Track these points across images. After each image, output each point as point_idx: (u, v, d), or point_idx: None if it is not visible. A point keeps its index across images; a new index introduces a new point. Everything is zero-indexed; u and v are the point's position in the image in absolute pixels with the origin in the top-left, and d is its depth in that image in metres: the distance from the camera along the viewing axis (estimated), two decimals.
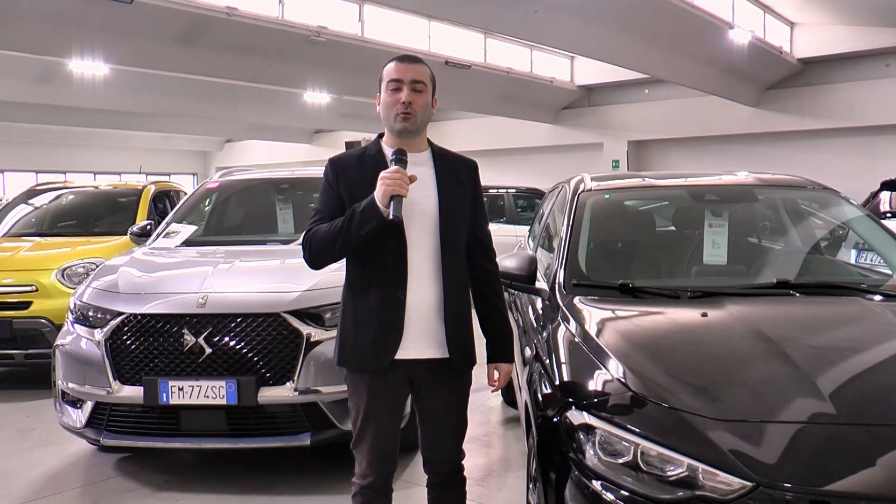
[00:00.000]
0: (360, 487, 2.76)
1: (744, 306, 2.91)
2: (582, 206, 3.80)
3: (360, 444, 2.75)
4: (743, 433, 2.18)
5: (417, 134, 2.70)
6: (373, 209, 2.49)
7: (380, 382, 2.67)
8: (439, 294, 2.66)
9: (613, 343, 2.67)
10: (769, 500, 2.03)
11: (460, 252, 2.73)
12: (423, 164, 2.71)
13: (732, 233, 3.77)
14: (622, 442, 2.25)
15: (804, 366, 2.46)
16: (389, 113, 2.64)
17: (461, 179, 2.77)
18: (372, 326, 2.63)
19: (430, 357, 2.68)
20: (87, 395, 4.19)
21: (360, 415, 2.72)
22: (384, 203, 2.47)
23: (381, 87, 2.68)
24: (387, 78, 2.66)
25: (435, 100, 2.74)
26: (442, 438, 2.85)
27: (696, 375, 2.50)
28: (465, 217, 2.76)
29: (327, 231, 2.59)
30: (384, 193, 2.47)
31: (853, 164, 18.42)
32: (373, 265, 2.64)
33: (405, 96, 2.61)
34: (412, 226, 2.63)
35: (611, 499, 2.22)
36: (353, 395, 2.76)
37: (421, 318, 2.65)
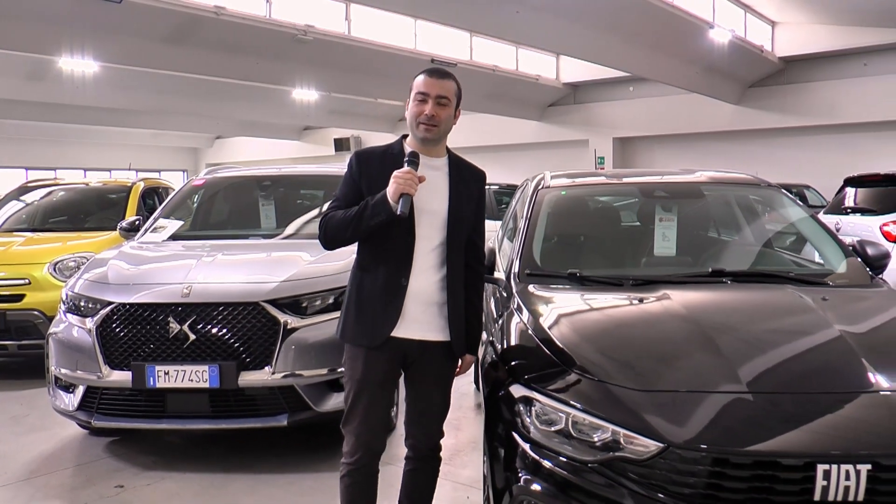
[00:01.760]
0: (349, 469, 2.94)
1: (677, 292, 3.20)
2: (540, 201, 4.09)
3: (351, 419, 2.94)
4: (660, 402, 2.48)
5: (438, 142, 2.96)
6: (384, 204, 2.74)
7: (375, 355, 2.90)
8: (440, 284, 2.94)
9: (554, 325, 2.96)
10: (678, 458, 2.32)
11: (461, 251, 3.01)
12: (440, 168, 2.97)
13: (682, 227, 4.06)
14: (556, 412, 2.53)
15: (721, 344, 2.75)
16: (414, 121, 2.88)
17: (470, 186, 3.05)
18: (373, 307, 2.89)
19: (424, 339, 2.93)
20: (78, 379, 4.44)
21: (353, 387, 2.93)
22: (394, 199, 2.72)
23: (409, 94, 2.91)
24: (416, 89, 2.89)
25: (458, 111, 2.98)
26: (427, 416, 3.08)
27: (624, 352, 2.80)
28: (469, 220, 3.04)
29: (342, 218, 2.84)
30: (395, 191, 2.72)
31: (833, 161, 18.75)
32: (383, 252, 2.88)
33: (429, 109, 2.85)
34: (422, 222, 2.88)
35: (546, 464, 2.50)
36: (349, 369, 2.97)
37: (420, 304, 2.90)
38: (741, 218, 4.46)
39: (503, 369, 2.87)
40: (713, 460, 2.30)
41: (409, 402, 3.10)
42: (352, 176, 2.94)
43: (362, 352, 2.92)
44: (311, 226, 5.76)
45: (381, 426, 3.00)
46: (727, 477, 2.29)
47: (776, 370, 2.65)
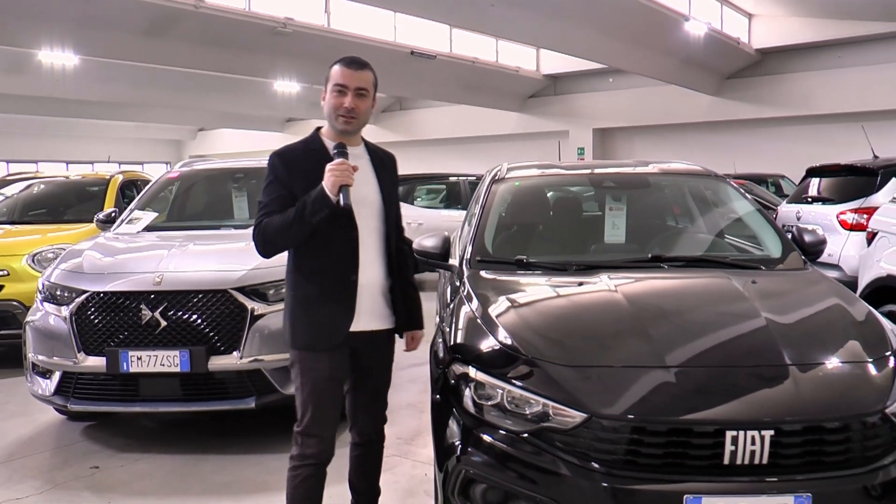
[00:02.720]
0: (312, 464, 2.96)
1: (615, 277, 3.40)
2: (494, 191, 4.29)
3: (314, 421, 2.93)
4: (585, 376, 2.68)
5: (356, 133, 2.98)
6: (324, 199, 2.73)
7: (331, 355, 2.93)
8: (385, 273, 3.04)
9: (495, 307, 3.16)
10: (600, 427, 2.53)
11: (394, 235, 3.10)
12: (361, 156, 2.98)
13: (631, 215, 4.27)
14: (493, 388, 2.73)
15: (647, 323, 2.96)
16: (333, 113, 2.89)
17: (390, 171, 3.13)
18: (325, 308, 2.89)
19: (374, 329, 3.01)
20: (55, 365, 4.60)
21: (313, 390, 2.92)
22: (334, 192, 2.73)
23: (326, 86, 2.90)
24: (333, 80, 2.87)
25: (375, 100, 2.99)
26: (376, 403, 3.21)
27: (557, 331, 3.00)
28: (397, 204, 3.15)
29: (282, 222, 2.78)
30: (333, 184, 2.72)
31: (808, 151, 18.99)
32: (327, 251, 2.88)
33: (349, 102, 2.85)
34: (361, 213, 2.89)
35: (485, 437, 2.69)
36: (307, 372, 2.93)
37: (370, 296, 2.97)
38: (689, 207, 4.67)
39: (448, 349, 3.06)
40: (632, 429, 2.51)
41: (356, 392, 3.15)
42: (278, 178, 2.88)
43: (320, 354, 2.93)
44: None
45: (337, 417, 3.04)
46: (645, 444, 2.51)
47: (695, 347, 2.87)
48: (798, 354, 2.76)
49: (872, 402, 2.61)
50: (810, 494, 2.44)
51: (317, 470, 2.98)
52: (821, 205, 8.08)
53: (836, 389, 2.68)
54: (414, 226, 10.33)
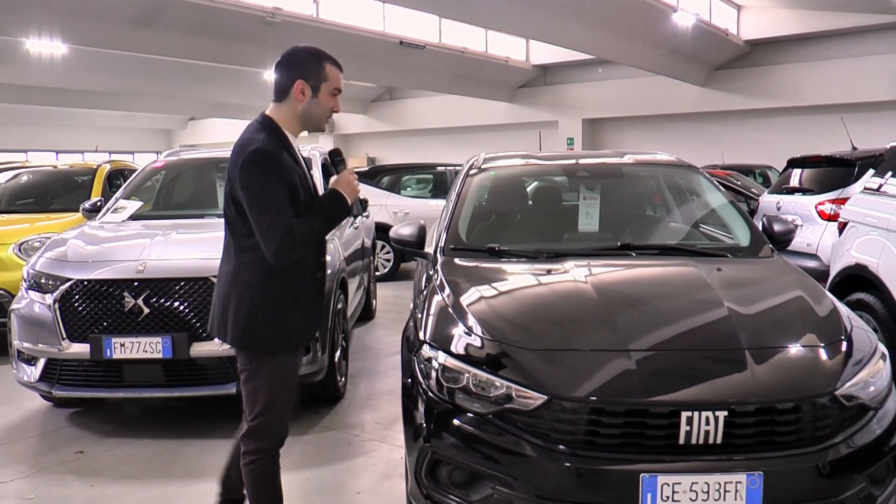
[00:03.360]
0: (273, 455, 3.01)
1: (583, 264, 3.50)
2: (469, 181, 4.38)
3: (280, 416, 2.96)
4: (547, 359, 2.78)
5: None
6: (345, 207, 2.88)
7: (300, 353, 3.05)
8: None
9: (465, 293, 3.25)
10: (560, 409, 2.63)
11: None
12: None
13: (604, 204, 4.37)
14: (459, 372, 2.82)
15: (610, 309, 3.06)
16: (324, 114, 2.92)
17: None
18: (299, 309, 2.91)
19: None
20: (40, 352, 4.68)
21: (284, 389, 2.95)
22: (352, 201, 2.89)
23: (319, 86, 2.87)
24: (332, 83, 2.89)
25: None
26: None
27: (522, 316, 3.10)
28: None
29: (310, 228, 2.79)
30: (354, 195, 2.89)
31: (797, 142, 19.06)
32: (309, 256, 2.92)
33: (337, 105, 2.95)
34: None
35: (451, 419, 2.78)
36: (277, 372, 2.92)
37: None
38: (662, 197, 4.76)
39: (418, 333, 3.15)
40: (590, 410, 2.61)
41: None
42: (278, 179, 2.76)
43: (293, 354, 3.00)
44: None
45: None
46: (602, 425, 2.60)
47: (655, 332, 2.97)
48: (754, 339, 2.86)
49: (823, 384, 2.71)
50: (762, 472, 2.55)
51: (275, 459, 3.05)
52: (801, 195, 8.18)
53: (788, 372, 2.78)
54: (401, 215, 10.41)
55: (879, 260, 4.59)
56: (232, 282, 2.88)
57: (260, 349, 2.90)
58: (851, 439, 2.69)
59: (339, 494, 3.86)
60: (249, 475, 3.01)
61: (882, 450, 2.75)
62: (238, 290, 2.87)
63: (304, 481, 4.01)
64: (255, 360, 2.92)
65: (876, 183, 5.18)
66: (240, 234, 2.85)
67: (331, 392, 5.16)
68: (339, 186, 2.91)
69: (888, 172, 5.09)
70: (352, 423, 4.88)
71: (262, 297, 2.85)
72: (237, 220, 2.84)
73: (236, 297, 2.86)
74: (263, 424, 2.95)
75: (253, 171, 2.74)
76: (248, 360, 2.92)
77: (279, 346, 2.92)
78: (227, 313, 2.89)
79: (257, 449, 2.97)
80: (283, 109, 2.91)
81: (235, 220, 2.85)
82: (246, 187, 2.75)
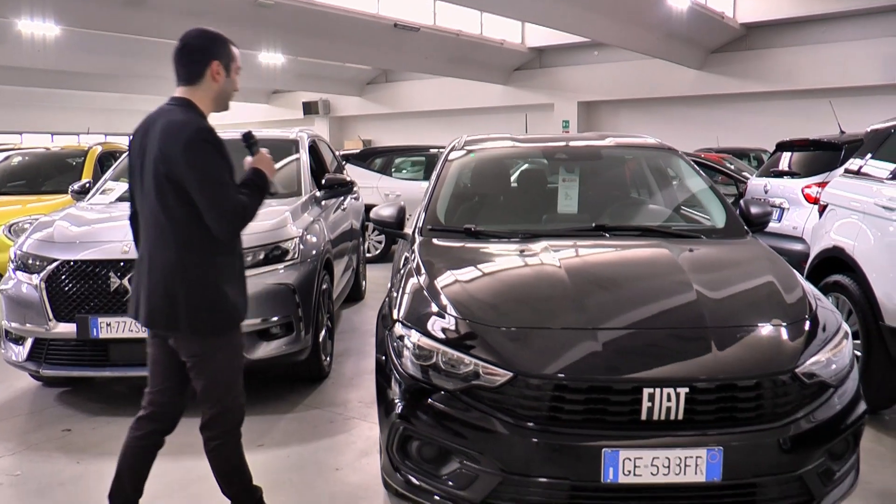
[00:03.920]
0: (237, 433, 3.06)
1: (556, 245, 3.56)
2: (449, 162, 4.42)
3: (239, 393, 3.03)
4: (514, 337, 2.85)
5: None
6: (266, 184, 2.91)
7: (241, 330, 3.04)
8: None
9: (439, 273, 3.31)
10: (525, 385, 2.70)
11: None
12: None
13: (584, 186, 4.41)
14: (430, 349, 2.88)
15: (578, 288, 3.12)
16: (233, 92, 2.99)
17: None
18: (239, 283, 2.99)
19: None
20: (27, 332, 4.75)
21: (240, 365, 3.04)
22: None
23: (230, 65, 2.94)
24: (237, 62, 2.99)
25: None
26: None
27: (492, 295, 3.16)
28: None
29: (251, 205, 2.82)
30: (273, 174, 2.95)
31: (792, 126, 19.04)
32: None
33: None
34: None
35: (421, 395, 2.85)
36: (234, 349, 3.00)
37: None
38: (641, 178, 4.82)
39: (392, 311, 3.21)
40: (554, 386, 2.68)
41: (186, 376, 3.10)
42: (223, 157, 2.79)
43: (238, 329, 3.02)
44: None
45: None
46: (566, 401, 2.67)
47: (622, 312, 3.03)
48: (719, 319, 2.93)
49: (784, 362, 2.78)
50: (722, 448, 2.62)
51: (239, 437, 3.09)
52: (788, 178, 8.21)
53: (749, 350, 2.84)
54: (392, 197, 10.45)
55: (856, 242, 4.65)
56: (178, 267, 2.82)
57: (216, 330, 2.89)
58: (811, 416, 2.76)
59: (317, 471, 3.93)
60: (219, 460, 3.05)
61: (841, 426, 2.82)
62: (186, 274, 2.82)
63: (285, 458, 4.08)
64: (209, 345, 2.90)
65: (856, 165, 5.23)
66: (180, 218, 2.79)
67: (315, 371, 5.23)
68: (260, 166, 2.94)
69: (867, 154, 5.14)
70: (335, 402, 4.96)
71: (213, 278, 2.85)
72: (176, 203, 2.78)
73: (186, 282, 2.82)
74: (226, 410, 2.99)
75: (203, 148, 2.74)
76: (200, 347, 2.90)
77: (231, 324, 2.94)
78: (175, 301, 2.82)
79: (223, 433, 3.02)
80: (199, 92, 2.90)
81: (174, 203, 2.78)
82: (195, 166, 2.72)
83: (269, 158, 2.99)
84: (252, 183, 2.89)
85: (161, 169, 2.77)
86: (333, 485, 3.77)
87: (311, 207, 5.74)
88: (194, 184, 2.73)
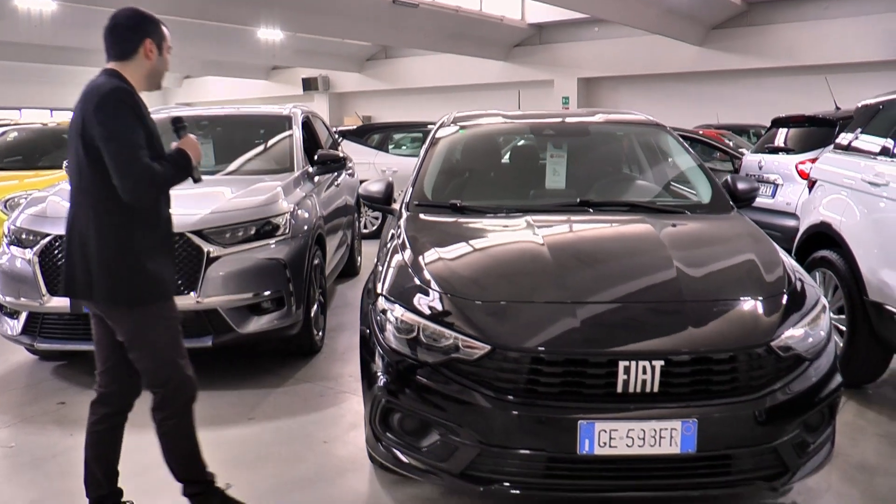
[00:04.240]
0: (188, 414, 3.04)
1: (540, 220, 3.59)
2: (437, 138, 4.44)
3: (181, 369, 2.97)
4: (492, 311, 2.89)
5: None
6: (191, 169, 2.91)
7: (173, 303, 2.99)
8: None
9: (423, 248, 3.35)
10: (502, 358, 2.74)
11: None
12: None
13: (572, 162, 4.43)
14: (412, 323, 2.92)
15: (558, 262, 3.15)
16: (165, 71, 2.97)
17: None
18: (167, 256, 2.97)
19: None
20: (21, 306, 4.79)
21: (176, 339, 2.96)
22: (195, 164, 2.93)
23: (161, 44, 2.93)
24: (168, 41, 2.97)
25: None
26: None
27: (473, 270, 3.20)
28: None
29: (162, 173, 2.77)
30: (198, 158, 2.94)
31: (792, 102, 18.92)
32: (163, 205, 2.94)
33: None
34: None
35: (402, 368, 2.90)
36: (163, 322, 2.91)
37: None
38: (629, 154, 4.84)
39: (376, 285, 3.25)
40: (531, 359, 2.72)
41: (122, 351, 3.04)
42: (138, 117, 2.76)
43: (170, 301, 2.96)
44: (250, 164, 6.08)
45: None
46: (543, 374, 2.71)
47: (599, 285, 3.07)
48: (696, 293, 2.97)
49: (759, 335, 2.82)
50: (696, 420, 2.66)
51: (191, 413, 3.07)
52: (784, 155, 8.22)
53: (725, 324, 2.88)
54: (389, 173, 10.46)
55: (842, 218, 4.68)
56: (95, 236, 2.78)
57: (135, 300, 2.82)
58: (786, 389, 2.80)
59: (306, 444, 3.98)
60: (176, 439, 3.04)
61: (815, 399, 2.87)
62: (104, 242, 2.78)
63: (274, 431, 4.14)
64: (139, 321, 2.86)
65: (845, 140, 5.23)
66: (96, 184, 2.75)
67: (307, 346, 5.29)
68: (185, 147, 2.93)
69: (857, 130, 5.15)
70: (326, 376, 5.01)
71: (130, 247, 2.80)
72: (91, 168, 2.74)
73: (103, 249, 2.78)
74: (176, 388, 2.97)
75: (114, 106, 2.71)
76: (130, 323, 2.87)
77: (153, 296, 2.86)
78: (90, 268, 2.79)
79: (176, 411, 3.01)
80: (129, 67, 2.87)
81: (89, 169, 2.75)
82: (104, 123, 2.68)
83: (195, 143, 2.97)
84: (172, 158, 2.87)
85: (78, 132, 2.76)
86: (321, 457, 3.82)
87: (304, 183, 5.77)
88: (101, 141, 2.68)
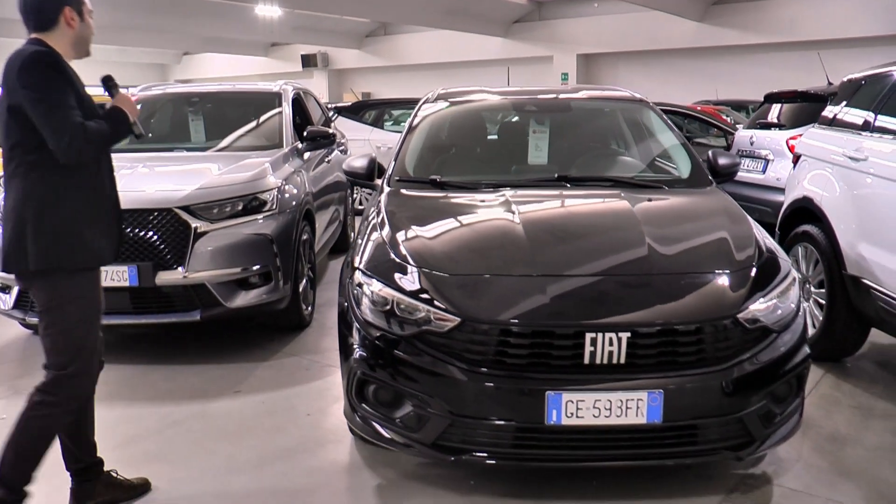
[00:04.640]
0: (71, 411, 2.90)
1: (517, 195, 3.63)
2: (421, 115, 4.47)
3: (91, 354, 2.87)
4: (463, 284, 2.94)
5: None
6: (127, 123, 2.89)
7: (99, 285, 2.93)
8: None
9: (401, 223, 3.40)
10: (471, 330, 2.80)
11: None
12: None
13: (554, 137, 4.46)
14: (386, 296, 2.98)
15: (530, 236, 3.21)
16: (90, 36, 2.92)
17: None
18: (108, 222, 2.91)
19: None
20: (13, 281, 4.80)
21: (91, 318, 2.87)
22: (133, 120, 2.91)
23: (81, 10, 2.86)
24: (87, 5, 2.90)
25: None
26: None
27: (449, 244, 3.25)
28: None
29: (100, 132, 2.74)
30: (135, 114, 2.91)
31: (793, 78, 18.73)
32: (98, 167, 2.87)
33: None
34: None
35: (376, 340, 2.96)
36: (78, 299, 2.81)
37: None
38: (612, 130, 4.86)
39: (353, 259, 3.30)
40: (500, 331, 2.78)
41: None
42: (66, 80, 2.73)
43: (94, 275, 2.88)
44: (239, 140, 6.11)
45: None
46: (511, 345, 2.77)
47: (570, 260, 3.12)
48: (666, 266, 3.02)
49: (726, 307, 2.87)
50: (662, 391, 2.72)
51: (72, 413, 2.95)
52: (776, 130, 8.23)
53: (693, 296, 2.93)
54: (384, 150, 10.47)
55: (824, 192, 4.71)
56: (25, 202, 2.72)
57: (66, 263, 2.75)
58: (753, 360, 2.86)
59: (289, 416, 4.05)
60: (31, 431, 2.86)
61: (781, 370, 2.92)
62: (33, 208, 2.71)
63: (259, 404, 4.21)
64: (60, 294, 2.78)
65: (831, 113, 5.25)
66: (25, 147, 2.70)
67: (295, 320, 5.35)
68: (120, 104, 2.90)
69: (841, 104, 5.16)
70: (313, 350, 5.08)
71: (64, 212, 2.74)
72: (19, 133, 2.70)
73: (33, 216, 2.71)
74: (75, 374, 2.85)
75: (38, 69, 2.67)
76: (50, 295, 2.79)
77: (85, 262, 2.80)
78: (24, 235, 2.72)
79: (62, 400, 2.86)
80: (53, 37, 2.81)
81: (17, 133, 2.70)
82: (31, 85, 2.64)
83: (129, 98, 2.93)
84: (107, 115, 2.85)
85: (3, 100, 2.71)
86: (303, 429, 3.90)
87: (292, 160, 5.80)
88: (30, 104, 2.64)
